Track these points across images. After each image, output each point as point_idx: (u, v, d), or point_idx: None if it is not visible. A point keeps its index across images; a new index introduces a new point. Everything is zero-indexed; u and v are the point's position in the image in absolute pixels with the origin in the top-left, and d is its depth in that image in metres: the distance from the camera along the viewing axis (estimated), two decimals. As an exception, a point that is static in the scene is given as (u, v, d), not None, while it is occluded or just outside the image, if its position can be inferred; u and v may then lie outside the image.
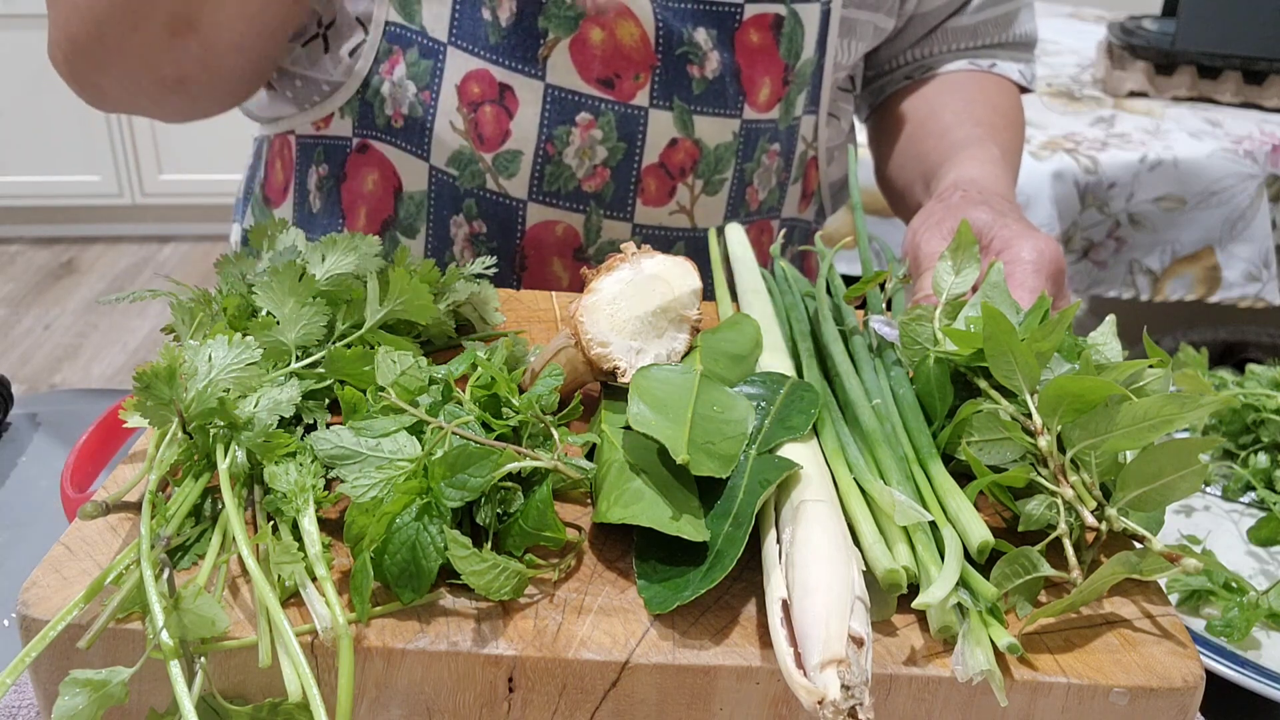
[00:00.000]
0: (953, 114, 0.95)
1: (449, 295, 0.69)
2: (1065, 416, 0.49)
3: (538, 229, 0.88)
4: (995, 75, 1.01)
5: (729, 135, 0.87)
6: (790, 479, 0.49)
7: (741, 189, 0.91)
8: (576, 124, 0.84)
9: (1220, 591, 0.67)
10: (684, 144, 0.86)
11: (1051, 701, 0.45)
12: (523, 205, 0.87)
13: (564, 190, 0.86)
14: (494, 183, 0.86)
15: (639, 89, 0.84)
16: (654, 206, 0.88)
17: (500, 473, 0.47)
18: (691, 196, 0.89)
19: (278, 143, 0.96)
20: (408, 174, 0.87)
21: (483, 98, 0.83)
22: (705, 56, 0.84)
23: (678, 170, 0.87)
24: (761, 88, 0.87)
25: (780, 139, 0.91)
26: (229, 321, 0.59)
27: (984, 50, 1.02)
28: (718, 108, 0.86)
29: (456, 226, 0.88)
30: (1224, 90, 1.91)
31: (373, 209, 0.90)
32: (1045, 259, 0.67)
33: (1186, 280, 1.76)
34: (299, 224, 0.95)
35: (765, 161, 0.91)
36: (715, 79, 0.85)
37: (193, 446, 0.50)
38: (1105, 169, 1.67)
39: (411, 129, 0.86)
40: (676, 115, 0.85)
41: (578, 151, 0.85)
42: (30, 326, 3.22)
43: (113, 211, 3.75)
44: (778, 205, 0.95)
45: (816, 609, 0.42)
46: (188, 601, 0.42)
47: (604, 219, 0.88)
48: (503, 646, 0.44)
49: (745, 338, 0.62)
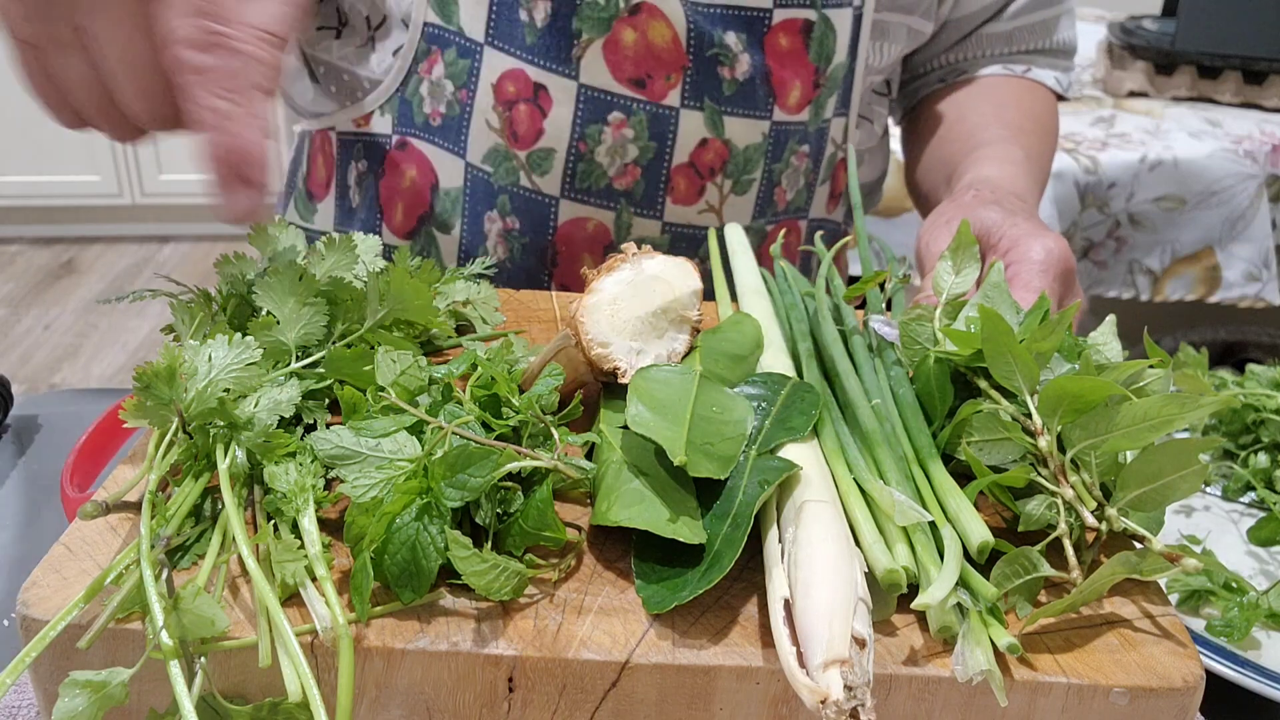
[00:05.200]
0: (980, 116, 0.96)
1: (449, 295, 0.69)
2: (1065, 417, 0.49)
3: (569, 225, 0.89)
4: (1029, 80, 1.01)
5: (758, 136, 0.88)
6: (791, 479, 0.49)
7: (770, 189, 0.92)
8: (609, 123, 0.85)
9: (1220, 591, 0.67)
10: (714, 144, 0.87)
11: (1051, 701, 0.45)
12: (555, 202, 0.88)
13: (595, 188, 0.88)
14: (527, 180, 0.88)
15: (670, 89, 0.85)
16: (683, 205, 0.89)
17: (500, 473, 0.47)
18: (720, 196, 0.90)
19: (319, 139, 0.98)
20: (444, 171, 0.89)
21: (518, 96, 0.85)
22: (736, 59, 0.85)
23: (707, 170, 0.88)
24: (792, 90, 0.88)
25: (810, 140, 0.92)
26: (229, 321, 0.59)
27: (1020, 56, 1.02)
28: (748, 109, 0.87)
29: (490, 222, 0.90)
30: (1224, 90, 1.92)
31: (410, 205, 0.92)
32: (1054, 258, 0.67)
33: (1186, 280, 1.76)
34: (340, 219, 0.98)
35: (794, 163, 0.92)
36: (746, 81, 0.86)
37: (193, 446, 0.50)
38: (1105, 169, 1.67)
39: (449, 127, 0.88)
40: (707, 116, 0.86)
41: (609, 150, 0.86)
42: (30, 326, 3.22)
43: (113, 211, 3.75)
44: (805, 206, 0.96)
45: (820, 609, 0.42)
46: (187, 601, 0.42)
47: (634, 216, 0.89)
48: (503, 646, 0.44)
49: (745, 338, 0.62)
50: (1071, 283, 0.69)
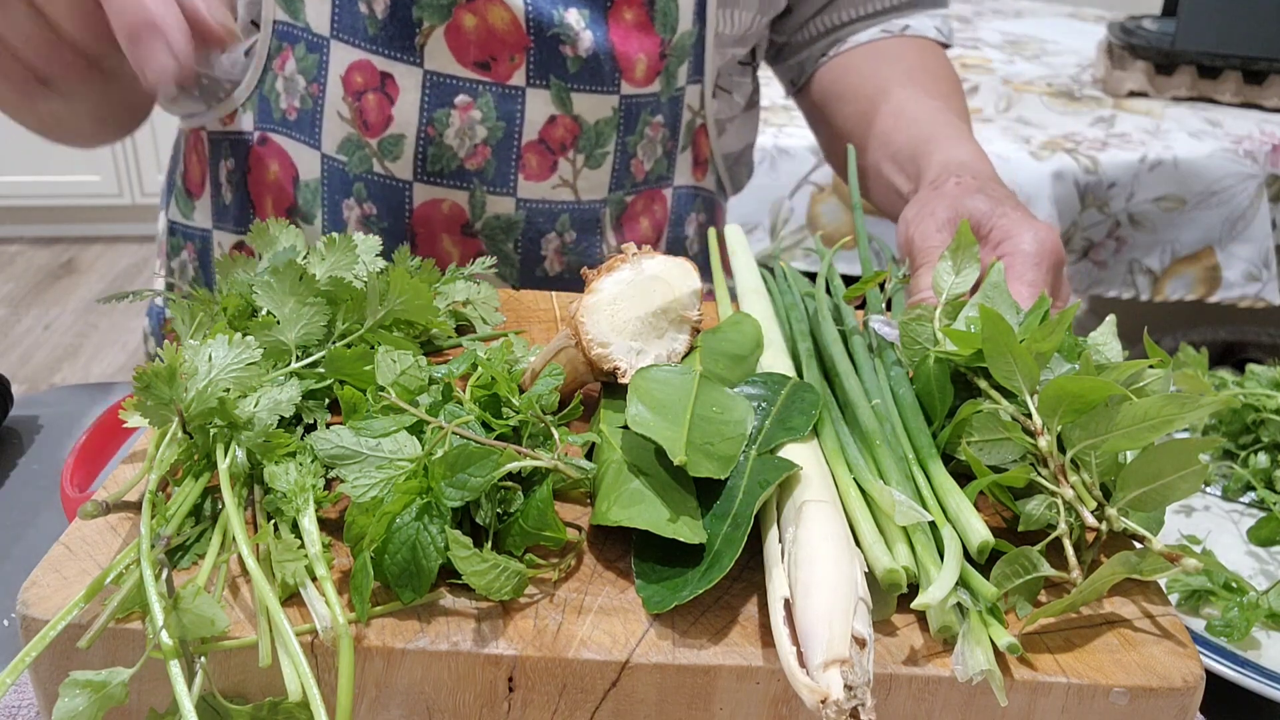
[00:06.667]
0: (900, 88, 0.95)
1: (449, 295, 0.69)
2: (1065, 417, 0.49)
3: (425, 208, 0.91)
4: (914, 39, 1.01)
5: (608, 110, 0.90)
6: (791, 479, 0.49)
7: (625, 161, 0.93)
8: (456, 106, 0.87)
9: (1220, 591, 0.67)
10: (563, 120, 0.89)
11: (1051, 701, 0.45)
12: (409, 186, 0.90)
13: (447, 170, 0.90)
14: (380, 166, 0.90)
15: (515, 70, 0.87)
16: (536, 181, 0.91)
17: (500, 473, 0.47)
18: (574, 170, 0.92)
19: (192, 138, 1.00)
20: (303, 163, 0.92)
21: (365, 86, 0.87)
22: (577, 36, 0.86)
23: (558, 146, 0.90)
24: (637, 64, 0.89)
25: (663, 110, 0.93)
26: (229, 321, 0.59)
27: (894, 12, 1.02)
28: (594, 85, 0.89)
29: (349, 209, 0.92)
30: (1224, 90, 1.92)
31: (277, 198, 0.94)
32: (1045, 249, 0.67)
33: (1186, 280, 1.76)
34: (216, 215, 0.99)
35: (648, 133, 0.93)
36: (590, 57, 0.87)
37: (193, 446, 0.50)
38: (1105, 169, 1.67)
39: (303, 120, 0.90)
40: (554, 93, 0.88)
41: (458, 132, 0.88)
42: (30, 326, 3.22)
43: (113, 211, 3.75)
44: (667, 174, 0.97)
45: (820, 608, 0.42)
46: (187, 601, 0.42)
47: (488, 195, 0.91)
48: (503, 646, 0.44)
49: (746, 338, 0.62)
50: (1061, 273, 0.69)
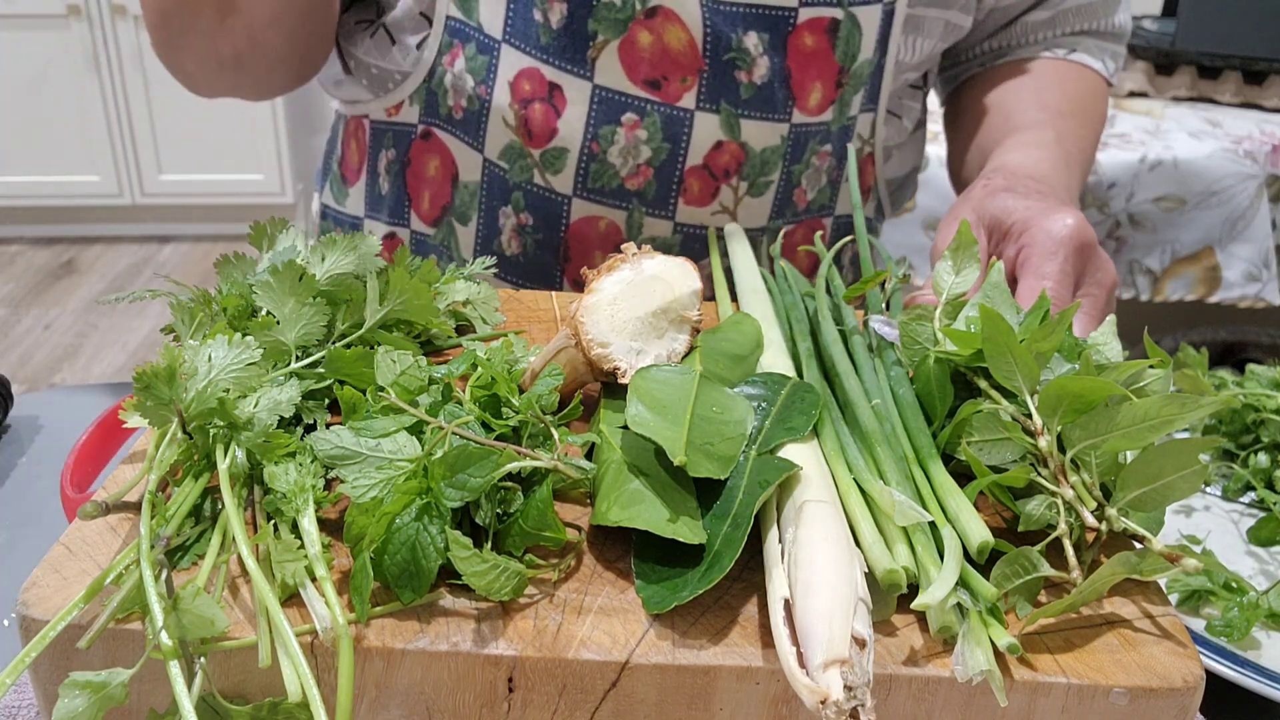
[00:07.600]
0: (1018, 102, 0.94)
1: (449, 295, 0.69)
2: (1065, 417, 0.49)
3: (581, 224, 0.90)
4: (1073, 63, 0.99)
5: (777, 139, 0.88)
6: (791, 479, 0.49)
7: (788, 190, 0.91)
8: (622, 124, 0.85)
9: (1220, 591, 0.67)
10: (729, 146, 0.87)
11: (1051, 701, 0.45)
12: (567, 200, 0.89)
13: (607, 188, 0.88)
14: (541, 178, 0.88)
15: (685, 91, 0.85)
16: (696, 206, 0.89)
17: (500, 473, 0.47)
18: (735, 197, 0.90)
19: (353, 124, 0.99)
20: (464, 163, 0.91)
21: (533, 95, 0.86)
22: (754, 62, 0.84)
23: (721, 172, 0.88)
24: (812, 92, 0.87)
25: (832, 140, 0.91)
26: (229, 321, 0.59)
27: (1065, 39, 1.00)
28: (765, 112, 0.86)
29: (505, 217, 0.91)
30: (1224, 90, 1.92)
31: (434, 195, 0.93)
32: (1063, 237, 0.66)
33: (1186, 280, 1.76)
34: (369, 204, 0.99)
35: (815, 163, 0.91)
36: (764, 84, 0.85)
37: (193, 446, 0.50)
38: (1105, 169, 1.67)
39: (469, 120, 0.89)
40: (723, 119, 0.86)
41: (622, 151, 0.86)
42: (30, 326, 3.22)
43: (113, 211, 3.76)
44: (829, 204, 0.95)
45: (820, 609, 0.42)
46: (187, 601, 0.42)
47: (646, 216, 0.90)
48: (503, 646, 0.44)
49: (746, 338, 0.62)
50: (1091, 256, 0.68)
